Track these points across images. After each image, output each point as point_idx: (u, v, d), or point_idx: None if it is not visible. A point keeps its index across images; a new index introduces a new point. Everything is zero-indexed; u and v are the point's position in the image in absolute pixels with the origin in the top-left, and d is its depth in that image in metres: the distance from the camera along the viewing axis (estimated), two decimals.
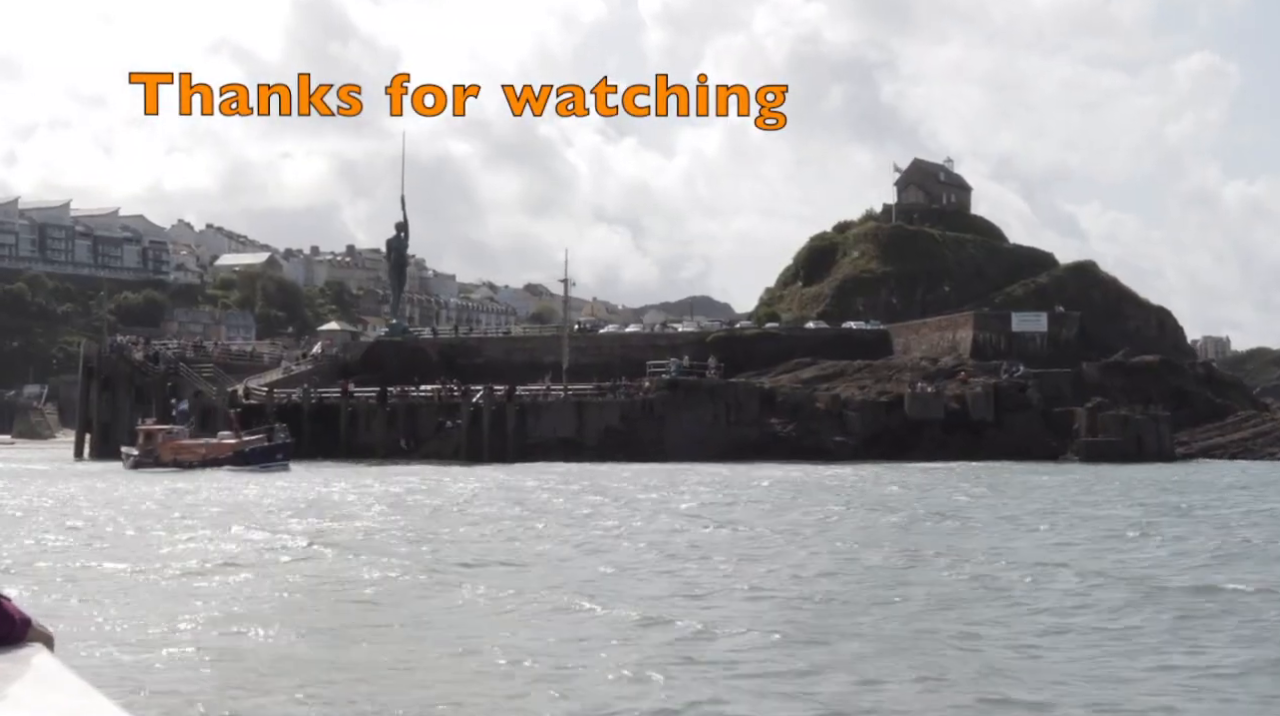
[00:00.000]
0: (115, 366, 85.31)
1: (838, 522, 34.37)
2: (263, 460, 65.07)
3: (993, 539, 29.86)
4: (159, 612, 18.43)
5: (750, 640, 16.16)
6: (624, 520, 34.72)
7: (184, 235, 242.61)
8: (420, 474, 59.83)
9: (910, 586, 21.68)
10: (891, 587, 21.47)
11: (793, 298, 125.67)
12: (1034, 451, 76.17)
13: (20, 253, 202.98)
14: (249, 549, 27.71)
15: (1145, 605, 19.43)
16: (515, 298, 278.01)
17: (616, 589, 21.09)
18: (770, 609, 19.10)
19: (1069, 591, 21.09)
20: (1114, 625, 17.79)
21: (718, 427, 77.47)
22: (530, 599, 19.88)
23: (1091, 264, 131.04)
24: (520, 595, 20.32)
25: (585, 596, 19.91)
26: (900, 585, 21.87)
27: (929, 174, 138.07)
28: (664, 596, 20.33)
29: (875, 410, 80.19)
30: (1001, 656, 15.51)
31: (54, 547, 27.90)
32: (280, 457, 66.16)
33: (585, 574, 23.27)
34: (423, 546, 28.20)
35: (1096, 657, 15.41)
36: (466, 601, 20.06)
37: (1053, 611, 19.02)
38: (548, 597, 19.96)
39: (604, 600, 19.41)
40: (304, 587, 21.62)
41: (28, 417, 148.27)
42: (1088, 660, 15.24)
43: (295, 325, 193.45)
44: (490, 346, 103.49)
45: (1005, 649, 16.01)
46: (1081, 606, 19.51)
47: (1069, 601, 20.04)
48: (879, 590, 21.17)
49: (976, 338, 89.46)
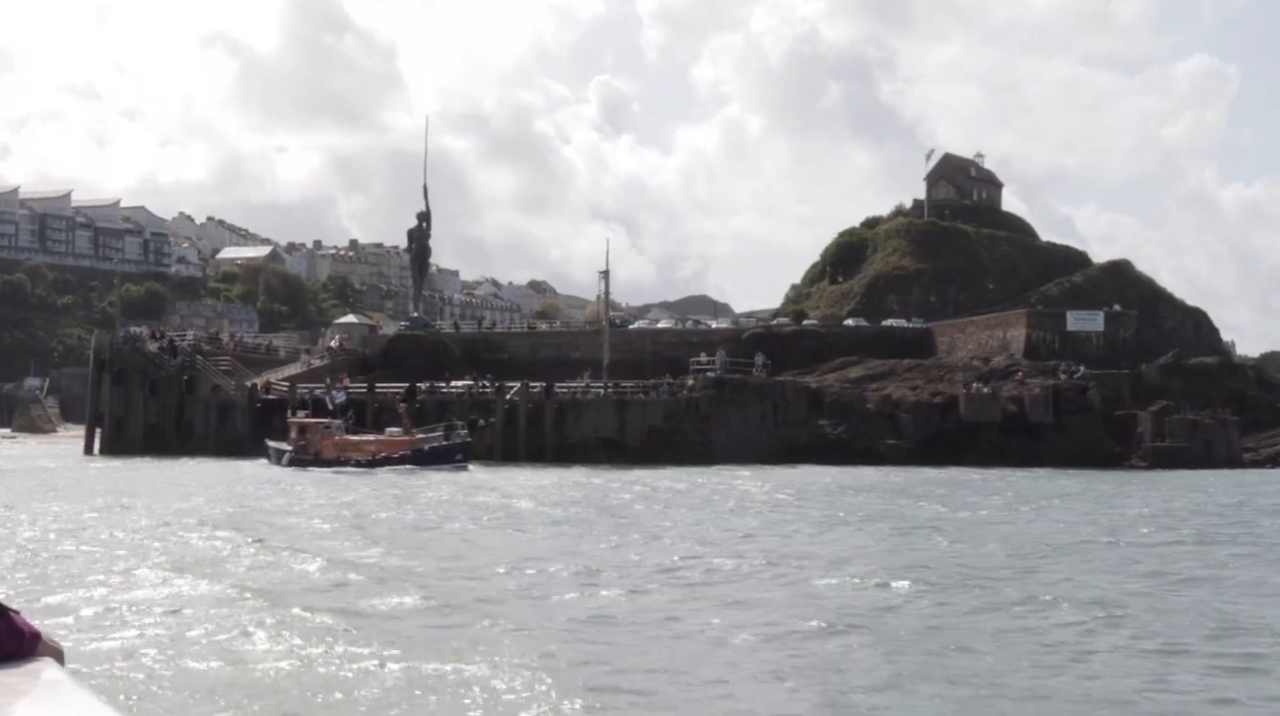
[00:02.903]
0: (128, 358, 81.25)
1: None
2: (441, 460, 59.83)
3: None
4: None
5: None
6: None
7: (185, 228, 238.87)
8: (503, 475, 55.85)
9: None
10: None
11: (821, 295, 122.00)
12: (1096, 456, 72.67)
13: (20, 243, 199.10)
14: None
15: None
16: (518, 294, 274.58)
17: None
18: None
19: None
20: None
21: (765, 429, 73.72)
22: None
23: (1127, 263, 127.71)
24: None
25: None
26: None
27: (959, 169, 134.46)
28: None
29: (929, 412, 76.49)
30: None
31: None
32: (459, 458, 60.93)
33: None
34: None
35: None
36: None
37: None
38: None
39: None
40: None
41: (28, 411, 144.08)
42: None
43: (298, 319, 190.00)
44: (515, 342, 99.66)
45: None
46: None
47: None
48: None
49: (1030, 336, 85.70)
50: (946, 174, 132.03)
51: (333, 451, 61.67)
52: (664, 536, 30.03)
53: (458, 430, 63.64)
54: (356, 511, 36.81)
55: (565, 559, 24.88)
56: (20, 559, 24.46)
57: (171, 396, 79.71)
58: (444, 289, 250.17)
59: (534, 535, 30.65)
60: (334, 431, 63.81)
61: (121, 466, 63.42)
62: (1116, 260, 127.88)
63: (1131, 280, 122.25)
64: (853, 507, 40.03)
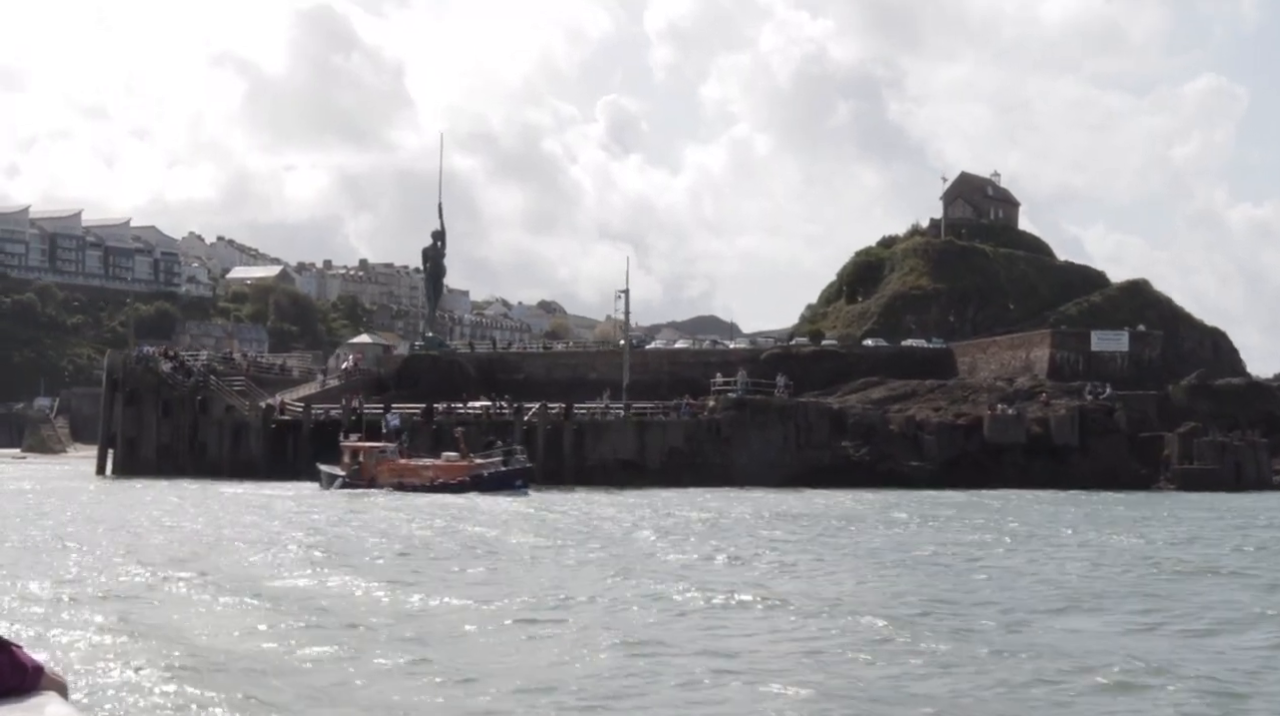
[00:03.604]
0: (141, 378, 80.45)
1: None
2: (500, 486, 57.51)
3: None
4: None
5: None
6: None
7: (195, 247, 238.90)
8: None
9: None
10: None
11: (837, 314, 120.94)
12: (1121, 479, 71.54)
13: (30, 262, 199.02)
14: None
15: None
16: (528, 314, 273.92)
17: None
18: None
19: None
20: None
21: (787, 450, 72.66)
22: None
23: (1145, 283, 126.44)
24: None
25: None
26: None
27: (976, 188, 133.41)
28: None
29: (952, 433, 75.35)
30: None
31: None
32: (519, 484, 58.50)
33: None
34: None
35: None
36: None
37: None
38: None
39: None
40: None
41: (38, 431, 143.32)
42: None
43: (308, 339, 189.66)
44: (531, 362, 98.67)
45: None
46: None
47: None
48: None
49: (1054, 357, 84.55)
50: (963, 193, 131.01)
51: (388, 476, 59.89)
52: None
53: (517, 455, 61.75)
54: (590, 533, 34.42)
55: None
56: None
57: (185, 417, 78.90)
58: (454, 309, 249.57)
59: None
60: (389, 455, 62.06)
61: (168, 488, 61.26)
62: (1135, 280, 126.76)
63: (1150, 300, 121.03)
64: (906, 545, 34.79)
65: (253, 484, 65.61)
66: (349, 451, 62.64)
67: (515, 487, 57.83)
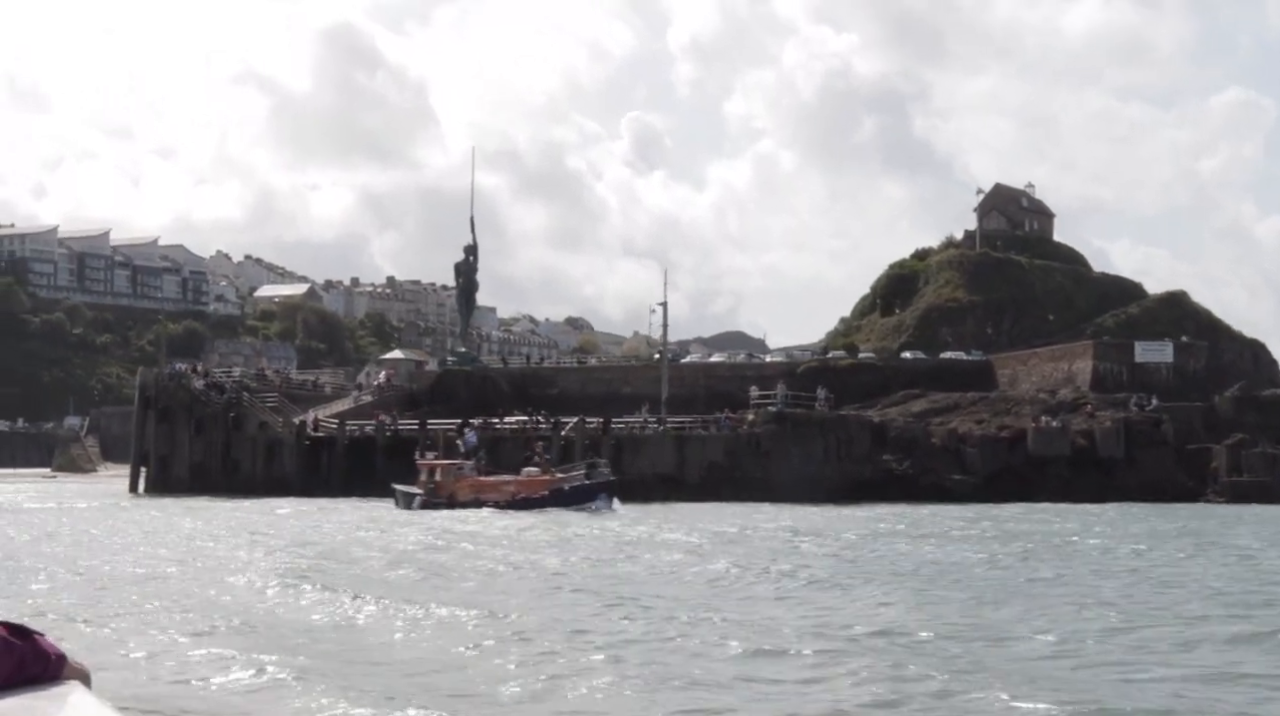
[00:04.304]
0: (174, 395, 79.82)
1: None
2: (584, 499, 55.94)
3: None
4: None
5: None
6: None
7: (223, 266, 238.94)
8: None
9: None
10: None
11: (872, 328, 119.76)
12: (1168, 492, 70.15)
13: (59, 282, 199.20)
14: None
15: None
16: (555, 331, 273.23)
17: None
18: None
19: None
20: None
21: (828, 464, 71.55)
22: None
23: (1183, 294, 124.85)
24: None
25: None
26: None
27: (1011, 199, 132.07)
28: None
29: (995, 446, 74.18)
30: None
31: None
32: (604, 497, 56.51)
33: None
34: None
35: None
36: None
37: None
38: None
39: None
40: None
41: (68, 450, 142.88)
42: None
43: (336, 357, 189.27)
44: (564, 377, 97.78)
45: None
46: None
47: None
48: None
49: (1097, 368, 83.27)
50: (997, 204, 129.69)
51: (467, 493, 58.73)
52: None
53: (600, 467, 59.77)
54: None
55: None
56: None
57: (218, 434, 78.25)
58: (481, 325, 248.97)
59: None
60: (466, 472, 61.03)
61: (230, 508, 59.29)
62: (1173, 291, 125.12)
63: (1189, 311, 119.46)
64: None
65: (309, 501, 64.02)
66: (426, 469, 61.55)
67: (599, 501, 56.06)
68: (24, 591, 24.72)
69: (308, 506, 59.89)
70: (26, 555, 33.38)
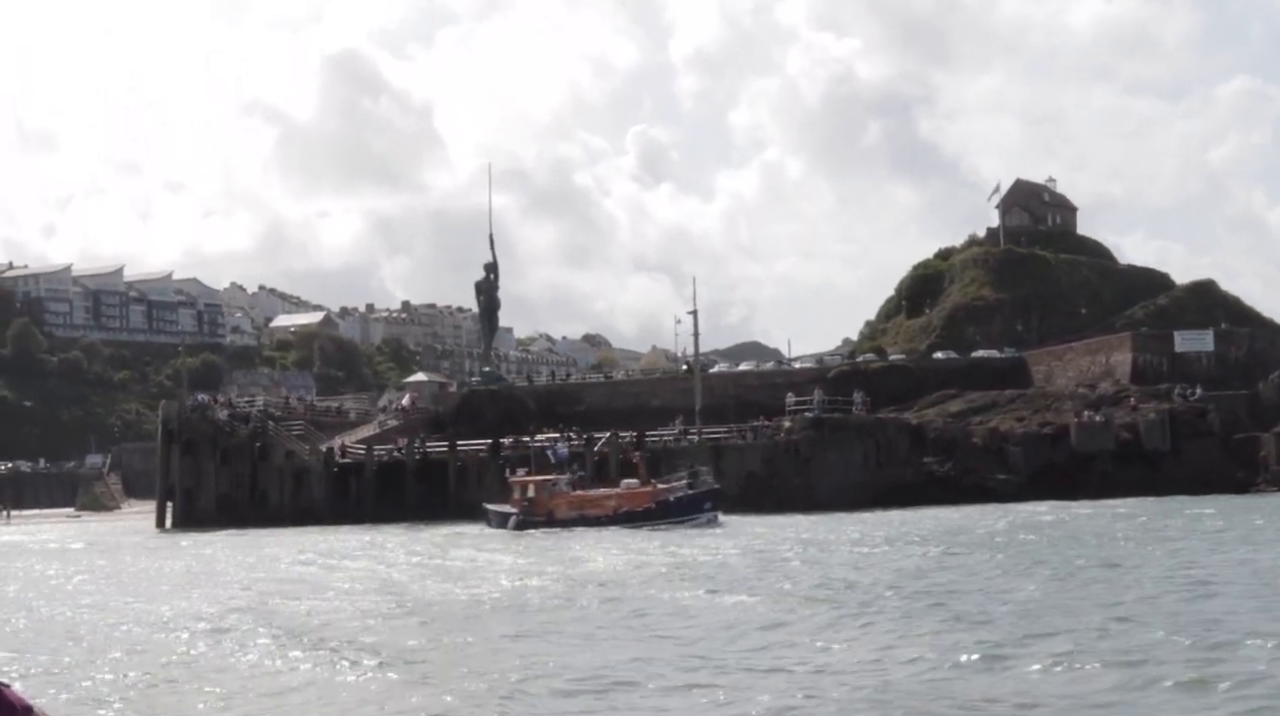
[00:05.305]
0: (197, 427, 78.49)
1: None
2: (687, 511, 54.05)
3: None
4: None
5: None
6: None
7: (237, 298, 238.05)
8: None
9: None
10: None
11: (898, 330, 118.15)
12: (1216, 483, 68.39)
13: (75, 320, 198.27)
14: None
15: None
16: (573, 348, 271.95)
17: None
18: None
19: None
20: None
21: (868, 469, 70.04)
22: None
23: (1211, 283, 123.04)
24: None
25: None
26: None
27: (1033, 194, 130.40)
28: None
29: (1038, 443, 72.66)
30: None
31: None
32: (708, 507, 54.95)
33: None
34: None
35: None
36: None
37: None
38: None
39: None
40: None
41: (91, 489, 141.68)
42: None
43: (355, 383, 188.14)
44: (591, 392, 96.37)
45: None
46: None
47: None
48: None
49: (1136, 360, 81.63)
50: (1019, 200, 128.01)
51: (567, 509, 56.73)
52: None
53: (702, 476, 57.76)
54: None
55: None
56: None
57: (244, 465, 76.98)
58: (499, 346, 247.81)
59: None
60: (562, 488, 58.90)
61: (293, 536, 57.67)
62: (1201, 280, 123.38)
63: (1219, 299, 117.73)
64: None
65: (448, 527, 61.65)
66: (519, 486, 59.44)
67: (704, 511, 54.57)
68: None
69: (373, 535, 57.27)
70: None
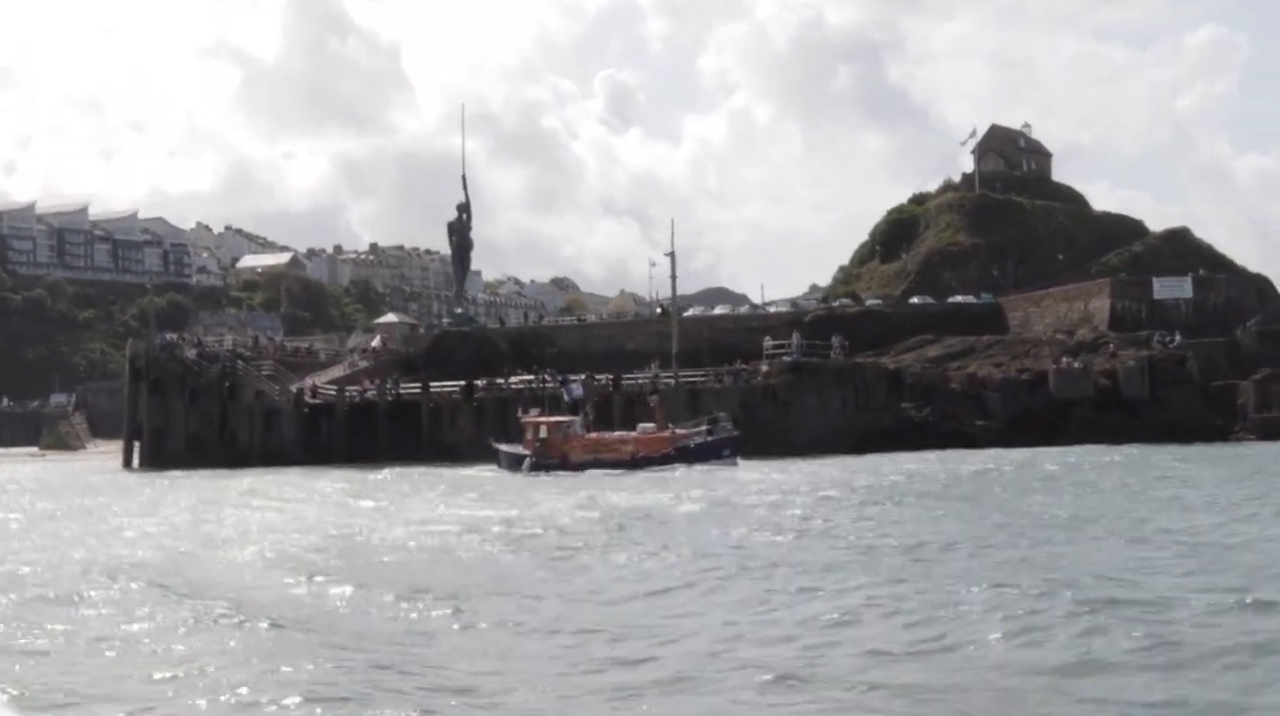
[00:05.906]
0: (165, 367, 77.11)
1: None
2: (707, 456, 53.62)
3: None
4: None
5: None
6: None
7: (203, 238, 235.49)
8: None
9: None
10: None
11: (873, 275, 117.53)
12: (1196, 431, 68.12)
13: (38, 258, 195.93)
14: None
15: None
16: (541, 292, 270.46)
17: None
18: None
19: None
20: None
21: (846, 414, 69.46)
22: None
23: (1185, 230, 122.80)
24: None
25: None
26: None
27: (1008, 140, 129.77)
28: None
29: (1017, 389, 72.25)
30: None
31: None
32: (727, 453, 54.42)
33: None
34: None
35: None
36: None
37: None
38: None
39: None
40: None
41: (56, 428, 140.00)
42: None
43: (322, 325, 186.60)
44: (564, 335, 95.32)
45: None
46: None
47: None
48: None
49: (1114, 307, 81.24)
50: (994, 146, 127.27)
51: (582, 453, 55.39)
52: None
53: (722, 422, 57.08)
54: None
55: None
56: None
57: (213, 405, 75.65)
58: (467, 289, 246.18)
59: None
60: (577, 431, 57.31)
61: (329, 480, 52.66)
62: (1175, 228, 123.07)
63: (1193, 247, 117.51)
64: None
65: (454, 469, 59.29)
66: (531, 427, 57.40)
67: (724, 457, 53.99)
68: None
69: (391, 476, 53.52)
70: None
